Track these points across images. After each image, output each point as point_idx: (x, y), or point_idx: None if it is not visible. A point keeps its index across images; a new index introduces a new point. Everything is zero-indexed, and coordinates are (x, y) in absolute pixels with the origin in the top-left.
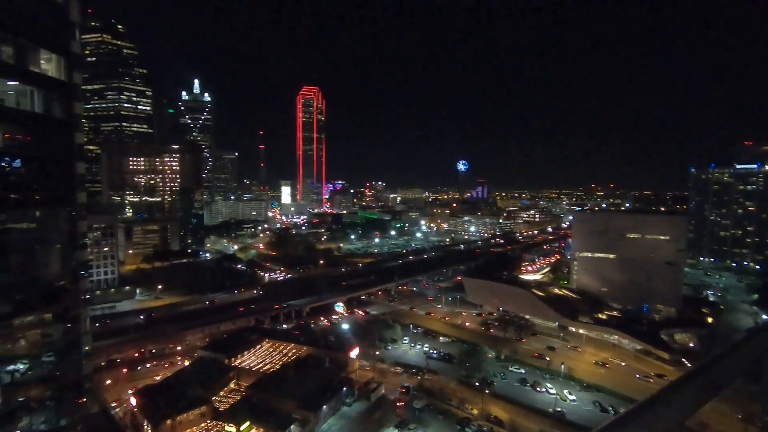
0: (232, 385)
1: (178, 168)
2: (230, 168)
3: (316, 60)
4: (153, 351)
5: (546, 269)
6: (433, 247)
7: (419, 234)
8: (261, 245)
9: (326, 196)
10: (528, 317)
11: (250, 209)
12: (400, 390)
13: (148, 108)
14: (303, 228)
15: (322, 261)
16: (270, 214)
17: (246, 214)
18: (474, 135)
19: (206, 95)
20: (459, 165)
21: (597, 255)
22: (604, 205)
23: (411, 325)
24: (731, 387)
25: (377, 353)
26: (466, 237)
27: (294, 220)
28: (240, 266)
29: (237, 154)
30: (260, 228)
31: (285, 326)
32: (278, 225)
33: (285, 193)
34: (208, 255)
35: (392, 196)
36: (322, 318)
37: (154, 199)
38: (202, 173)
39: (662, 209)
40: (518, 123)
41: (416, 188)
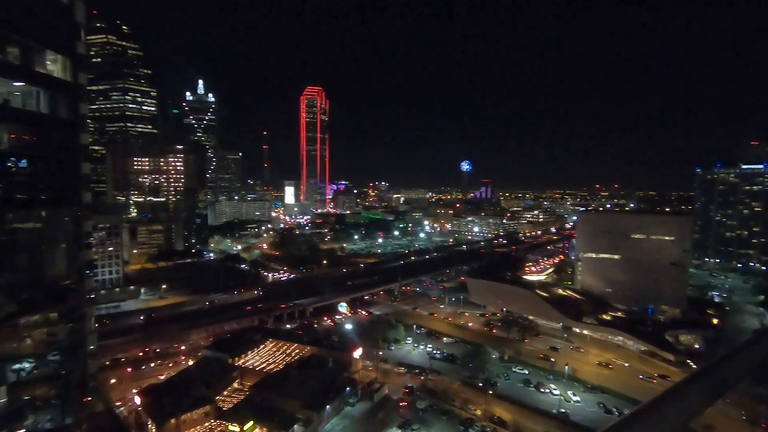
0: (236, 385)
1: (183, 168)
2: (234, 168)
3: (320, 60)
4: (157, 350)
5: (550, 270)
6: (437, 248)
7: (422, 234)
8: (265, 245)
9: (329, 197)
10: (532, 318)
11: (254, 209)
12: (404, 390)
13: (153, 108)
14: (306, 228)
15: (326, 261)
16: (273, 215)
17: (250, 215)
18: (478, 135)
19: (210, 96)
20: (463, 165)
21: (601, 255)
22: (609, 206)
23: (414, 326)
24: (737, 388)
25: (380, 353)
26: (470, 237)
27: (297, 220)
28: (244, 266)
29: (241, 155)
30: (264, 228)
31: (288, 326)
32: (282, 225)
33: (288, 194)
34: (212, 255)
35: (395, 197)
36: (326, 318)
37: (159, 199)
38: (206, 173)
39: (667, 210)
40: (522, 123)
41: (420, 188)
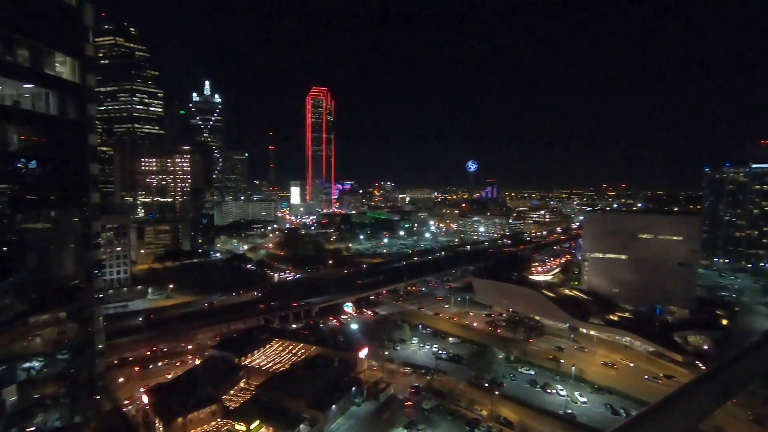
0: (242, 384)
1: (189, 169)
2: (240, 168)
3: (326, 61)
4: (164, 350)
5: (556, 270)
6: (442, 248)
7: (428, 234)
8: (270, 245)
9: (335, 197)
10: (538, 318)
11: (260, 209)
12: (410, 390)
13: (160, 109)
14: (312, 228)
15: (331, 261)
16: (279, 215)
17: (256, 215)
18: (483, 135)
19: (216, 97)
20: (468, 165)
21: (608, 256)
22: (616, 206)
23: (420, 326)
24: (746, 390)
25: (386, 353)
26: (476, 237)
27: (303, 221)
28: (250, 266)
29: (247, 155)
30: (270, 228)
31: (294, 326)
32: (287, 225)
33: (294, 194)
34: (219, 255)
35: (401, 197)
36: (331, 318)
37: (166, 200)
38: (213, 174)
39: (675, 209)
40: (528, 122)
41: (425, 188)
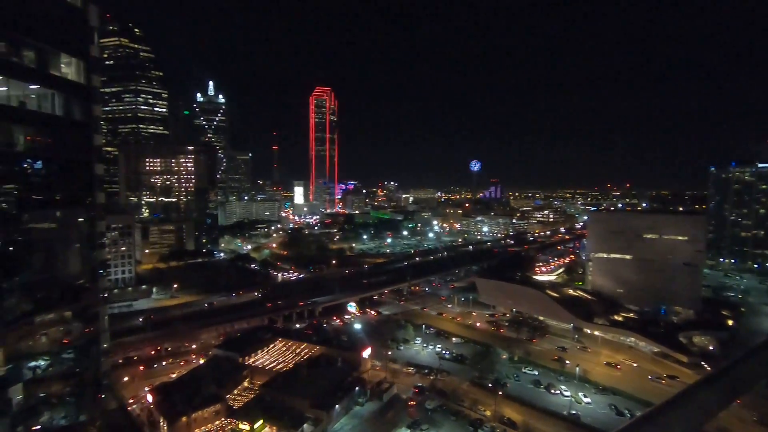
0: (246, 384)
1: (193, 169)
2: (244, 168)
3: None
4: (169, 349)
5: (560, 270)
6: (446, 248)
7: (432, 234)
8: (274, 245)
9: (339, 196)
10: (542, 318)
11: (264, 209)
12: (414, 390)
13: (164, 110)
14: (315, 228)
15: (335, 261)
16: (283, 214)
17: (259, 214)
18: (487, 134)
19: (220, 97)
20: (472, 165)
21: (613, 256)
22: (620, 205)
23: (423, 326)
24: (752, 391)
25: (389, 353)
26: (479, 237)
27: (307, 220)
28: (254, 266)
29: (250, 155)
30: (273, 228)
31: (298, 326)
32: (291, 225)
33: (298, 194)
34: (223, 255)
35: (404, 196)
36: (335, 318)
37: (170, 200)
38: (217, 174)
39: (680, 209)
40: (532, 122)
41: (429, 188)
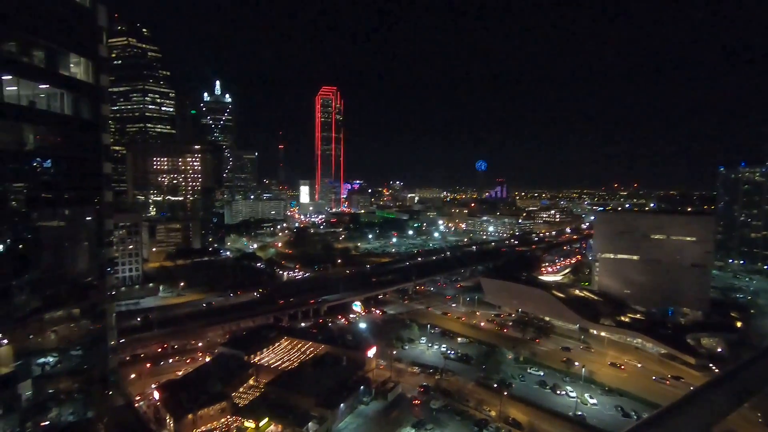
0: (251, 382)
1: (200, 168)
2: (250, 168)
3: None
4: (175, 347)
5: (566, 270)
6: (451, 247)
7: (437, 234)
8: (280, 244)
9: (344, 196)
10: (547, 319)
11: (270, 208)
12: (419, 390)
13: (171, 109)
14: (321, 227)
15: (340, 260)
16: (289, 213)
17: (265, 213)
18: (493, 134)
19: (227, 96)
20: (478, 164)
21: (620, 256)
22: (627, 206)
23: (428, 325)
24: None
25: (394, 352)
26: (485, 237)
27: (312, 220)
28: (259, 265)
29: (257, 154)
30: (279, 227)
31: (303, 324)
32: (297, 224)
33: (303, 193)
34: (229, 253)
35: (410, 196)
36: (340, 317)
37: (177, 199)
38: (223, 173)
39: (689, 209)
40: (538, 121)
41: (434, 188)
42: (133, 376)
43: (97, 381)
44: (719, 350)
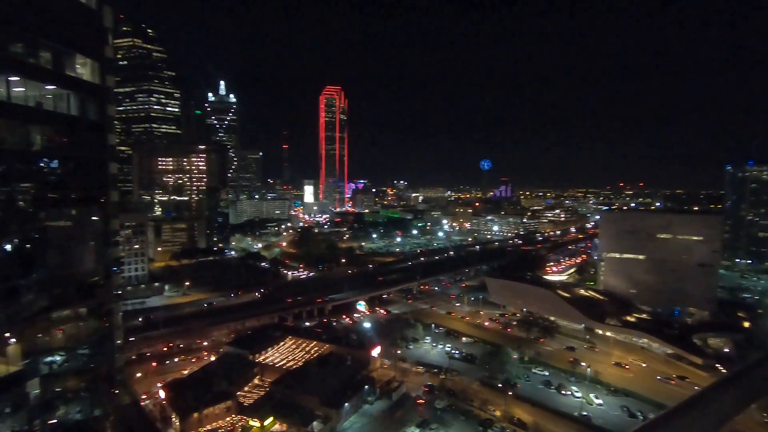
0: (256, 381)
1: (205, 168)
2: (254, 167)
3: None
4: (180, 346)
5: (572, 270)
6: (456, 247)
7: (441, 233)
8: (284, 243)
9: (348, 195)
10: (552, 318)
11: (274, 208)
12: (424, 389)
13: (177, 109)
14: (325, 227)
15: (344, 260)
16: (293, 213)
17: (270, 213)
18: (498, 133)
19: (231, 96)
20: (482, 164)
21: (625, 256)
22: (633, 205)
23: (433, 325)
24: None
25: (399, 352)
26: (489, 237)
27: (316, 219)
28: (264, 264)
29: (261, 154)
30: (284, 226)
31: (307, 324)
32: (301, 224)
33: (308, 192)
34: (234, 253)
35: (414, 195)
36: (344, 316)
37: (182, 198)
38: (228, 173)
39: (695, 209)
40: (543, 120)
41: (438, 187)
42: (140, 375)
43: (104, 379)
44: (726, 350)
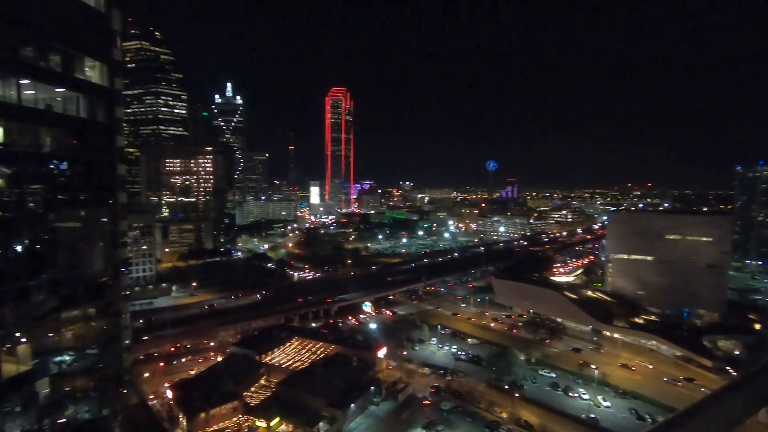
0: (263, 381)
1: (212, 169)
2: (261, 169)
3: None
4: (188, 346)
5: (579, 271)
6: (461, 248)
7: (447, 234)
8: (290, 244)
9: (354, 196)
10: (559, 320)
11: (280, 209)
12: (430, 390)
13: (184, 111)
14: (331, 228)
15: (350, 260)
16: (299, 214)
17: (276, 214)
18: (504, 134)
19: (238, 98)
20: (488, 164)
21: (633, 257)
22: (641, 205)
23: (439, 326)
24: None
25: (405, 353)
26: (496, 237)
27: (322, 220)
28: (270, 265)
29: (267, 155)
30: (290, 227)
31: (313, 324)
32: (307, 225)
33: (314, 193)
34: (240, 254)
35: (420, 196)
36: (350, 317)
37: (189, 200)
38: (234, 174)
39: (704, 209)
40: (550, 120)
41: (444, 188)
42: (147, 375)
43: (112, 379)
44: (736, 353)
